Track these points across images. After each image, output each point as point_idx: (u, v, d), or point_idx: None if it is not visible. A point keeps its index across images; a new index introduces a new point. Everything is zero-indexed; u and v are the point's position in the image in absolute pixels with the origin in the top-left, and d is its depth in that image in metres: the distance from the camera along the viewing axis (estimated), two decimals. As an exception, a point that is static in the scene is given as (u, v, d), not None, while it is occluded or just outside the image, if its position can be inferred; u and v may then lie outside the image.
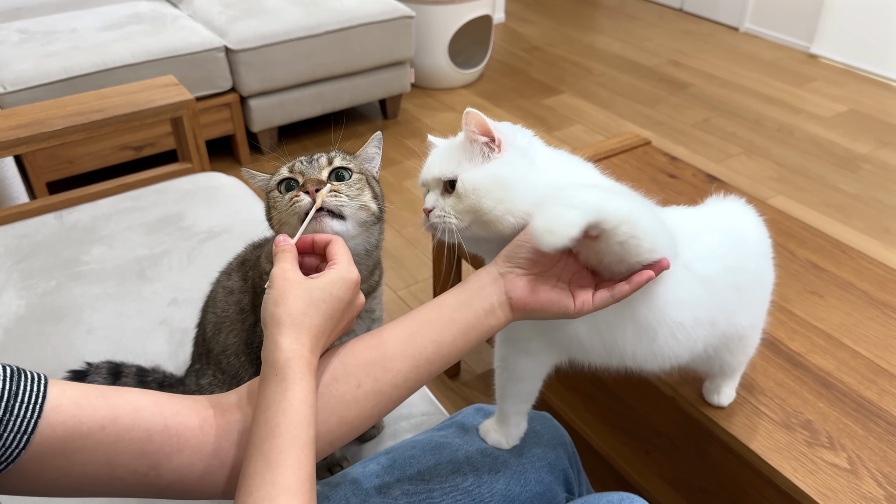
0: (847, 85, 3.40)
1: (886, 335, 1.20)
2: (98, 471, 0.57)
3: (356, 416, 0.67)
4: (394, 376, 0.69)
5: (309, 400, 0.61)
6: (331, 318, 0.66)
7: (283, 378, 0.60)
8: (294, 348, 0.62)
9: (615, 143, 1.77)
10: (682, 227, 0.82)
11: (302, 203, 0.74)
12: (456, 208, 0.75)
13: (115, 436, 0.57)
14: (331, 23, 2.62)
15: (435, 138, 0.84)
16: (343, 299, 0.67)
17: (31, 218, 1.48)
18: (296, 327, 0.63)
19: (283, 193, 0.78)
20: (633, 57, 3.75)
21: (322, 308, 0.65)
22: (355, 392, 0.67)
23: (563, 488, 0.93)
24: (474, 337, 0.72)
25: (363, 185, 0.80)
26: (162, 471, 0.60)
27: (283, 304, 0.64)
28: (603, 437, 1.39)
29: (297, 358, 0.62)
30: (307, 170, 0.79)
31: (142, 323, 1.22)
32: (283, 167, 0.81)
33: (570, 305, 0.72)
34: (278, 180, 0.79)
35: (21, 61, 2.24)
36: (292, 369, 0.61)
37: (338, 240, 0.72)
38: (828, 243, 1.42)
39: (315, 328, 0.64)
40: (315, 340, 0.64)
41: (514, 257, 0.73)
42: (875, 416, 1.06)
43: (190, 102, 1.62)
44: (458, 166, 0.76)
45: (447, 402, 1.76)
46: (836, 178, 2.67)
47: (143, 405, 0.60)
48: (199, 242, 1.40)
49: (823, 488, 0.96)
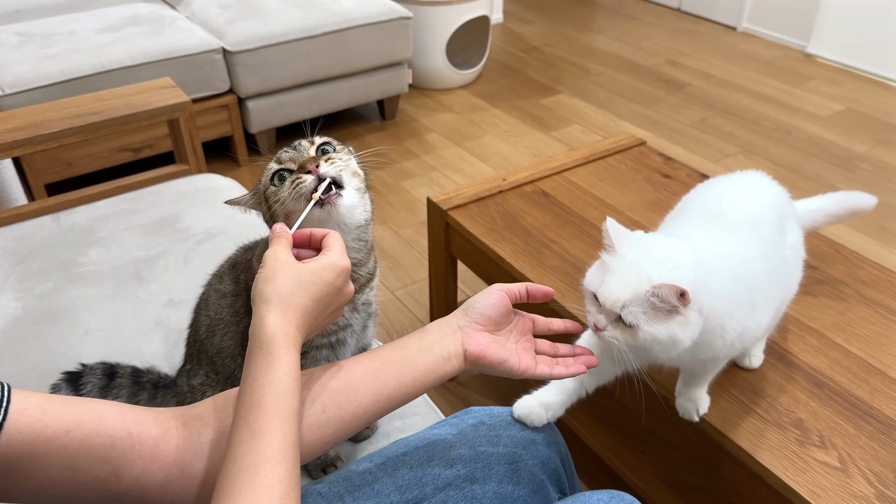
0: (844, 84, 3.41)
1: (879, 334, 1.21)
2: (61, 475, 0.58)
3: (316, 439, 0.70)
4: (356, 406, 0.71)
5: (293, 373, 0.63)
6: (319, 300, 0.68)
7: (269, 352, 0.62)
8: (280, 325, 0.64)
9: (610, 144, 1.78)
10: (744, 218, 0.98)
11: (306, 182, 0.76)
12: (628, 343, 0.83)
13: (80, 441, 0.58)
14: (328, 24, 2.63)
15: (614, 228, 0.84)
16: (332, 284, 0.69)
17: (29, 220, 1.49)
18: (283, 305, 0.65)
19: (278, 185, 0.78)
20: (631, 57, 3.76)
21: (310, 290, 0.67)
22: (318, 417, 0.69)
23: (556, 488, 0.94)
24: (431, 380, 0.76)
25: (347, 153, 0.83)
26: (123, 477, 0.60)
27: (273, 282, 0.66)
28: (598, 437, 1.39)
29: (283, 334, 0.64)
30: (296, 155, 0.80)
31: (138, 324, 1.23)
32: (270, 163, 0.81)
33: (516, 367, 0.79)
34: (271, 175, 0.80)
35: (20, 64, 2.25)
36: (277, 344, 0.63)
37: (333, 233, 0.74)
38: (821, 242, 1.43)
39: (302, 308, 0.66)
40: (302, 319, 0.66)
41: (470, 313, 0.81)
42: (866, 415, 1.07)
43: (186, 104, 1.62)
44: (641, 314, 0.80)
45: (444, 403, 1.76)
46: (834, 178, 2.68)
47: (106, 413, 0.61)
48: (196, 244, 1.41)
49: (814, 487, 0.97)
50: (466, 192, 1.62)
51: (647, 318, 0.80)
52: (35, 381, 1.11)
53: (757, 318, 0.94)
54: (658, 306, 0.79)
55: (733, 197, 1.02)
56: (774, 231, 1.01)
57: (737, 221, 0.97)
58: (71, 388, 1.04)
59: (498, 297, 0.82)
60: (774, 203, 1.04)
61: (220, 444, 0.65)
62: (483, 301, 0.81)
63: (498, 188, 1.63)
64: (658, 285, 0.78)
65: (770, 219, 1.01)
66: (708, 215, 0.99)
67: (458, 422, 0.98)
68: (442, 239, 1.63)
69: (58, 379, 1.06)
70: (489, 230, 1.49)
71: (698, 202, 1.05)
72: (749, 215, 0.98)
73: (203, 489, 0.64)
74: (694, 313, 0.81)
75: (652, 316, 0.80)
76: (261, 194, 0.82)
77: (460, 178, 2.70)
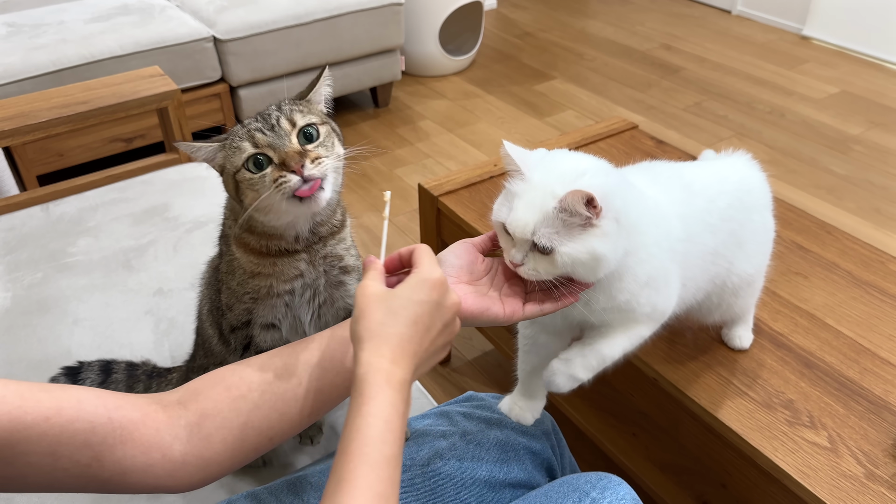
0: (839, 66, 3.39)
1: (870, 315, 1.21)
2: (42, 461, 0.57)
3: (297, 413, 0.69)
4: (334, 375, 0.70)
5: (384, 414, 0.58)
6: (415, 323, 0.63)
7: (360, 393, 0.59)
8: (371, 361, 0.61)
9: (602, 128, 1.77)
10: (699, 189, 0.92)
11: (290, 183, 0.71)
12: (549, 270, 0.76)
13: (60, 427, 0.58)
14: (319, 11, 2.61)
15: (513, 150, 0.79)
16: (427, 301, 0.65)
17: (18, 211, 1.48)
18: (374, 340, 0.62)
19: (254, 172, 0.72)
20: (625, 41, 3.74)
21: (402, 315, 0.63)
22: (296, 390, 0.69)
23: (546, 475, 0.94)
24: None
25: (330, 133, 0.77)
26: (105, 462, 0.60)
27: (363, 318, 0.63)
28: (590, 420, 1.39)
29: (374, 371, 0.60)
30: (276, 141, 0.72)
31: (127, 313, 1.22)
32: (242, 140, 0.73)
33: (499, 314, 0.76)
34: (244, 158, 0.72)
35: (9, 54, 2.24)
36: (368, 383, 0.60)
37: (420, 247, 0.71)
38: (813, 224, 1.43)
39: (396, 337, 0.62)
40: (398, 350, 0.62)
41: (442, 267, 0.76)
42: (856, 395, 1.07)
43: (175, 93, 1.61)
44: (555, 235, 0.73)
45: (438, 389, 1.77)
46: (828, 160, 2.67)
47: (86, 398, 0.61)
48: (186, 232, 1.41)
49: (803, 467, 0.97)
50: (458, 177, 1.61)
51: (562, 237, 0.73)
52: (24, 370, 1.11)
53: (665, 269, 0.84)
54: (570, 222, 0.73)
55: (697, 167, 0.99)
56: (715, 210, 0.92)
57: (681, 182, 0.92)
58: (69, 382, 1.04)
59: (463, 247, 0.81)
60: (735, 189, 0.96)
61: (198, 426, 0.65)
62: (450, 252, 0.80)
63: (489, 174, 1.62)
64: (563, 197, 0.71)
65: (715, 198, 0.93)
66: (665, 173, 0.94)
67: (449, 410, 0.98)
68: (433, 225, 1.62)
69: (56, 373, 1.06)
70: (480, 216, 1.49)
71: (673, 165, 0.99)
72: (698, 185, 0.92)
73: (184, 472, 0.64)
74: (610, 222, 0.74)
75: (566, 235, 0.73)
76: (229, 174, 0.75)
77: (454, 165, 2.69)
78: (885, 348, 1.14)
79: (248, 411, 0.67)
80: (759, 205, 1.01)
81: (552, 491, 0.81)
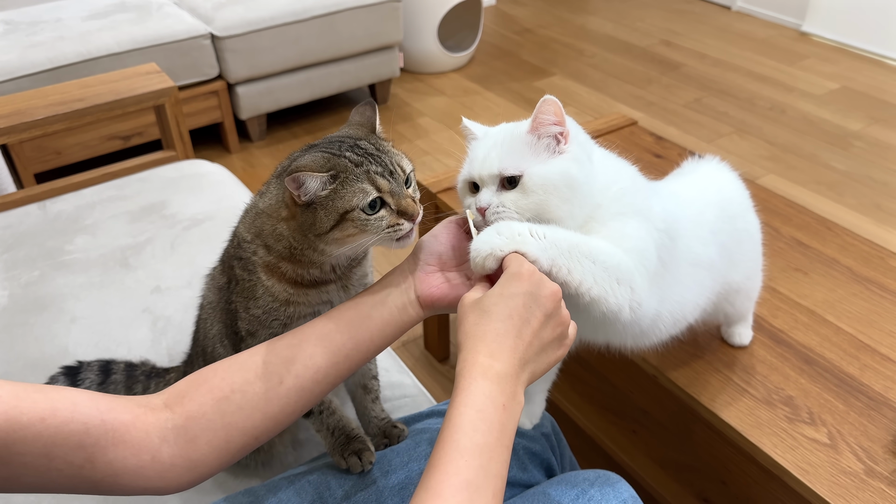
0: (839, 62, 3.38)
1: (869, 311, 1.20)
2: (36, 462, 0.57)
3: (279, 411, 0.69)
4: (314, 373, 0.70)
5: (476, 404, 0.60)
6: (509, 317, 0.64)
7: (455, 386, 0.62)
8: (467, 358, 0.63)
9: (601, 124, 1.76)
10: (683, 210, 0.88)
11: (405, 229, 0.72)
12: (518, 204, 0.73)
13: (55, 428, 0.58)
14: (317, 7, 2.60)
15: (471, 123, 0.80)
16: (517, 294, 0.65)
17: (15, 209, 1.48)
18: (470, 339, 0.64)
19: (368, 213, 0.71)
20: (625, 38, 3.73)
21: (495, 312, 0.65)
22: (277, 388, 0.69)
23: (545, 475, 0.94)
24: (390, 332, 0.74)
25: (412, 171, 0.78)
26: (97, 464, 0.60)
27: (460, 326, 0.66)
28: (590, 418, 1.39)
29: (470, 365, 0.62)
30: (396, 189, 0.72)
31: (125, 311, 1.22)
32: (362, 182, 0.71)
33: None
34: (369, 201, 0.70)
35: (5, 52, 2.23)
36: (463, 376, 0.62)
37: (511, 255, 0.70)
38: (813, 220, 1.42)
39: (491, 333, 0.64)
40: (495, 345, 0.63)
41: (420, 254, 0.77)
42: (856, 391, 1.06)
43: (172, 90, 1.61)
44: (523, 160, 0.72)
45: (436, 387, 1.76)
46: (828, 156, 2.66)
47: (80, 400, 0.61)
48: (183, 230, 1.40)
49: (803, 463, 0.97)
50: (456, 174, 1.60)
51: (529, 162, 0.72)
52: (21, 369, 1.11)
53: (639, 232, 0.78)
54: (537, 145, 0.73)
55: (675, 182, 0.99)
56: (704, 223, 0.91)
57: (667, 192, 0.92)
58: (69, 382, 1.04)
59: (447, 229, 0.80)
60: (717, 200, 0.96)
61: (185, 429, 0.65)
62: (432, 237, 0.78)
63: (488, 170, 1.61)
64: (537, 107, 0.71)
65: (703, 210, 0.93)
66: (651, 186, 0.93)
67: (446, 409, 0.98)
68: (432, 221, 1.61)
69: (56, 372, 1.05)
70: (479, 212, 1.48)
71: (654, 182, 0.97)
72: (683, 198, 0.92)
73: (173, 474, 0.64)
74: (577, 147, 0.73)
75: (533, 159, 0.72)
76: (339, 211, 0.70)
77: (453, 163, 2.68)
78: (886, 344, 1.14)
79: (232, 413, 0.67)
80: (739, 211, 1.00)
81: (550, 488, 0.80)
